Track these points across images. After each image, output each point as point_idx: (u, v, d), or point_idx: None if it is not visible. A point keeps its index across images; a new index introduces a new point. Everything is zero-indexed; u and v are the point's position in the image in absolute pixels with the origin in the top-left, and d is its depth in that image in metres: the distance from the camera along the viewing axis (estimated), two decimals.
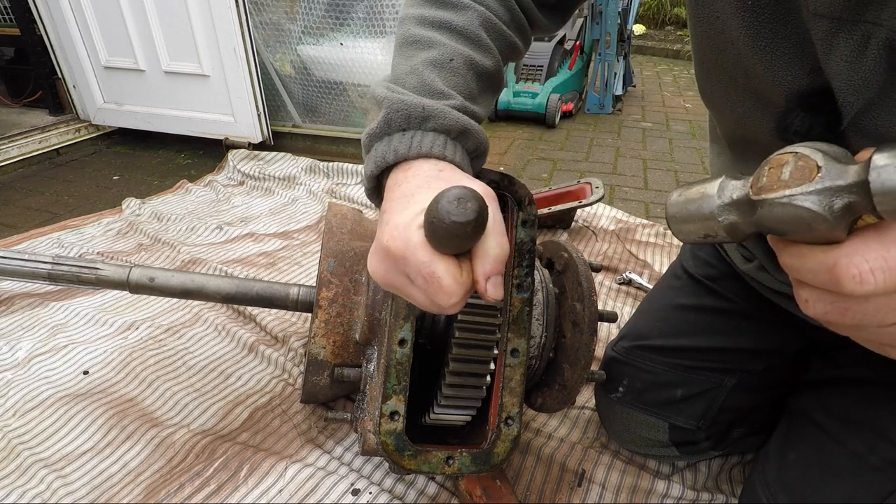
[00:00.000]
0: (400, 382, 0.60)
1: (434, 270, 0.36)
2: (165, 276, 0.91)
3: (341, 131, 2.30)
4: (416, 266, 0.37)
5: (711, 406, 0.77)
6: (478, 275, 0.35)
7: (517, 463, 0.86)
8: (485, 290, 0.35)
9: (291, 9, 2.16)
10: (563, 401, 0.74)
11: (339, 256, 0.77)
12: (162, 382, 0.99)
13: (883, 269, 0.27)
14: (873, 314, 0.29)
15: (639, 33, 5.19)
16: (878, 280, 0.27)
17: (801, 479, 0.64)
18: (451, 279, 0.36)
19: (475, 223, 0.33)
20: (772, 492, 0.66)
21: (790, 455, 0.67)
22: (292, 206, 1.76)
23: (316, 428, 0.91)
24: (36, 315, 1.17)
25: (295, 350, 1.07)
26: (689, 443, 0.80)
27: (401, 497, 0.80)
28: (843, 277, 0.28)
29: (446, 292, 0.36)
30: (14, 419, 0.90)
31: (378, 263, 0.41)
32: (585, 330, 0.70)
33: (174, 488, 0.80)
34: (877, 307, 0.29)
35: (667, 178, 2.16)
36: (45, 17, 2.28)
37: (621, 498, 0.82)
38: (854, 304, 0.30)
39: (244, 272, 1.33)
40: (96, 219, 1.66)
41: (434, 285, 0.36)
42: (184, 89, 2.24)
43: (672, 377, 0.78)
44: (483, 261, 0.35)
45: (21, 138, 2.24)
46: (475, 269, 0.36)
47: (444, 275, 0.36)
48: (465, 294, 0.36)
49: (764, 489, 0.67)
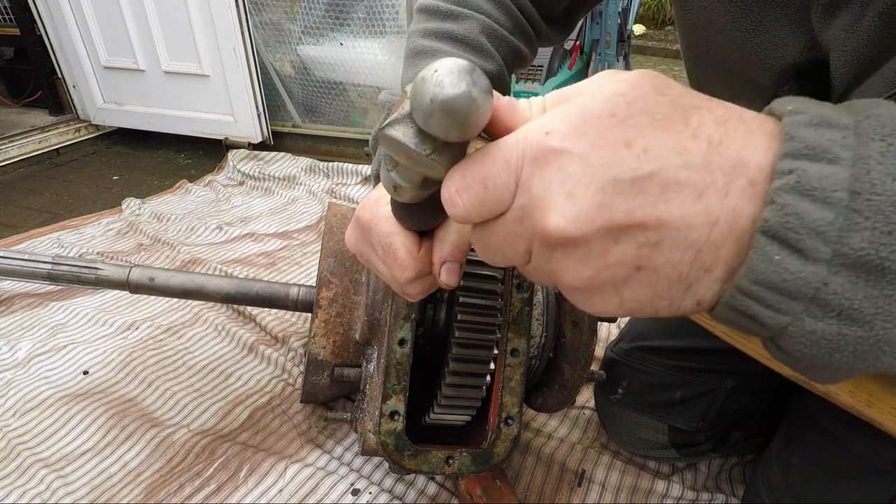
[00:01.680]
0: (400, 382, 0.60)
1: (392, 242, 0.37)
2: (165, 276, 0.91)
3: (341, 131, 2.30)
4: (378, 236, 0.38)
5: (711, 408, 0.77)
6: (434, 257, 0.36)
7: (517, 463, 0.86)
8: (438, 273, 0.36)
9: (291, 9, 2.16)
10: (563, 401, 0.74)
11: (339, 256, 0.77)
12: (162, 382, 0.99)
13: (465, 189, 0.25)
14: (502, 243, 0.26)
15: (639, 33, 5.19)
16: (463, 200, 0.25)
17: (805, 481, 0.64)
18: (405, 253, 0.37)
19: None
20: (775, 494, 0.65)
21: (793, 457, 0.66)
22: (292, 206, 1.76)
23: (316, 428, 0.91)
24: (36, 315, 1.17)
25: (295, 350, 1.07)
26: (689, 445, 0.80)
27: (401, 497, 0.80)
28: (446, 206, 0.26)
29: (401, 265, 0.37)
30: (14, 419, 0.90)
31: (350, 231, 0.43)
32: (585, 330, 0.70)
33: (174, 488, 0.80)
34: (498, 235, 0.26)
35: None
36: (45, 17, 2.28)
37: (621, 498, 0.82)
38: (477, 235, 0.28)
39: (244, 272, 1.33)
40: (96, 219, 1.66)
41: (391, 256, 0.37)
42: (184, 89, 2.24)
43: (671, 379, 0.78)
44: (441, 245, 0.35)
45: (21, 138, 2.24)
46: (433, 252, 0.36)
47: (399, 247, 0.37)
48: (419, 271, 0.37)
49: (767, 492, 0.67)
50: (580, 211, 0.22)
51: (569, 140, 0.23)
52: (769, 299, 0.22)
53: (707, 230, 0.22)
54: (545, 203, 0.23)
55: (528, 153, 0.23)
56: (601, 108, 0.23)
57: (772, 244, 0.22)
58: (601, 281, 0.24)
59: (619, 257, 0.23)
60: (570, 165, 0.22)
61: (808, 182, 0.21)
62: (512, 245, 0.26)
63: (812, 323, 0.22)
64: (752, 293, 0.23)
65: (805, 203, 0.21)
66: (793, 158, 0.22)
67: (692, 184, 0.22)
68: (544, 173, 0.23)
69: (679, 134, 0.22)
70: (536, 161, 0.23)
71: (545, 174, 0.23)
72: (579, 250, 0.23)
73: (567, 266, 0.24)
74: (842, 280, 0.21)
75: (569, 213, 0.23)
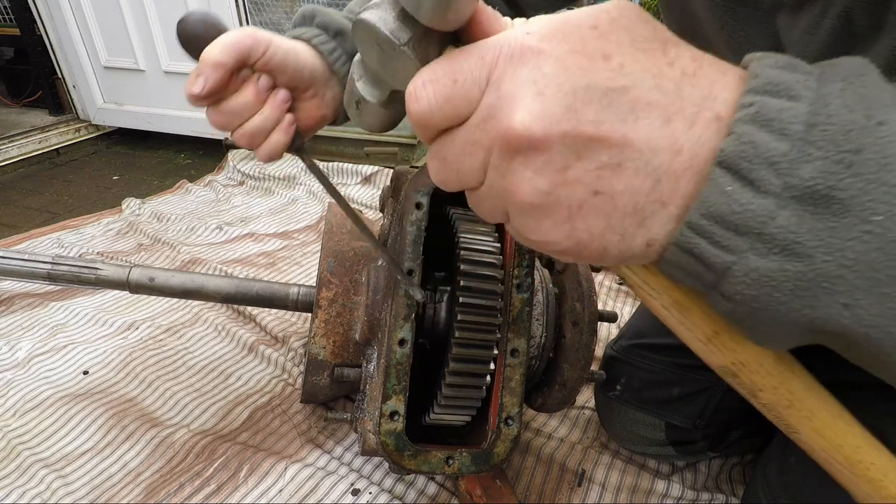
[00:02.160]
0: (400, 382, 0.60)
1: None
2: (165, 276, 0.91)
3: (341, 131, 2.30)
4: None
5: (707, 405, 0.77)
6: None
7: (517, 463, 0.86)
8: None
9: (291, 9, 2.16)
10: (563, 401, 0.74)
11: (339, 256, 0.77)
12: (162, 382, 0.99)
13: (433, 81, 0.24)
14: (460, 155, 0.25)
15: None
16: (428, 93, 0.24)
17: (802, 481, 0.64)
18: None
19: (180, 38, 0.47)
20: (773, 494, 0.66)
21: (791, 457, 0.67)
22: (292, 206, 1.76)
23: (316, 428, 0.91)
24: (36, 315, 1.17)
25: (295, 350, 1.07)
26: (686, 442, 0.80)
27: (401, 497, 0.80)
28: (408, 101, 0.25)
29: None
30: (14, 419, 0.90)
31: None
32: (585, 330, 0.70)
33: (174, 488, 0.80)
34: (456, 144, 0.25)
35: None
36: (45, 17, 2.28)
37: (621, 498, 0.82)
38: (436, 149, 0.26)
39: (244, 272, 1.33)
40: (96, 219, 1.66)
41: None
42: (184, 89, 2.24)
43: (669, 375, 0.78)
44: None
45: (21, 138, 2.24)
46: None
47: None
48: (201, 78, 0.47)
49: (765, 491, 0.67)
50: (547, 110, 0.22)
51: (548, 42, 0.23)
52: (717, 234, 0.22)
53: (669, 157, 0.22)
54: (513, 101, 0.23)
55: (504, 50, 0.23)
56: (585, 20, 0.23)
57: (725, 175, 0.22)
58: (556, 199, 0.23)
59: (579, 174, 0.23)
60: (545, 66, 0.22)
61: (766, 113, 0.21)
62: (469, 157, 0.25)
63: (756, 260, 0.22)
64: (701, 228, 0.23)
65: (762, 134, 0.21)
66: (755, 94, 0.22)
67: (662, 107, 0.22)
68: (518, 70, 0.23)
69: (656, 59, 0.23)
70: (512, 58, 0.23)
71: (518, 71, 0.23)
72: (539, 157, 0.23)
73: (524, 177, 0.23)
74: (788, 213, 0.21)
75: (536, 110, 0.22)
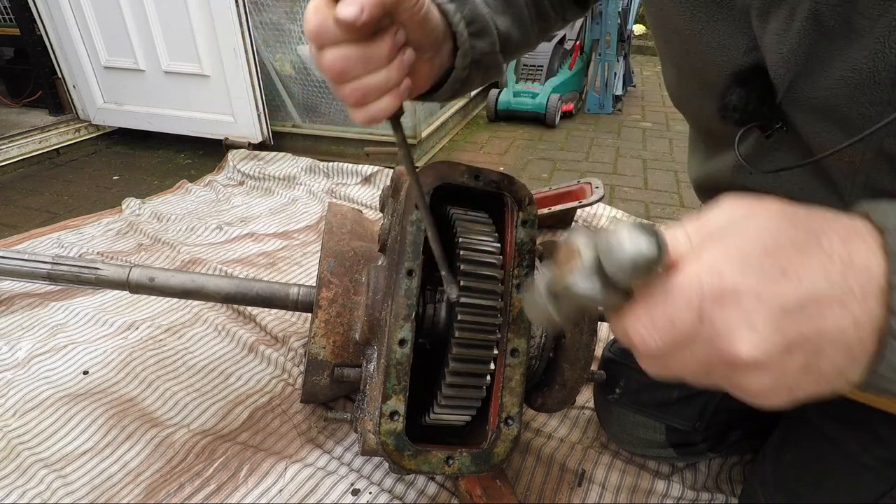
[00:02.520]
0: (400, 382, 0.60)
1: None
2: (165, 276, 0.91)
3: (341, 131, 2.30)
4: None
5: (707, 407, 0.77)
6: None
7: (517, 463, 0.86)
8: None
9: (291, 9, 2.16)
10: (563, 401, 0.74)
11: (339, 256, 0.77)
12: (162, 382, 0.99)
13: (657, 330, 0.29)
14: (683, 365, 0.31)
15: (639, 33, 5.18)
16: (657, 341, 0.29)
17: (797, 479, 0.65)
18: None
19: None
20: (769, 492, 0.66)
21: (787, 456, 0.67)
22: (292, 206, 1.76)
23: (316, 428, 0.91)
24: (36, 315, 1.17)
25: (295, 350, 1.07)
26: (686, 444, 0.80)
27: (401, 497, 0.80)
28: (634, 343, 0.31)
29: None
30: (14, 419, 0.90)
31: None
32: (585, 330, 0.70)
33: (174, 488, 0.80)
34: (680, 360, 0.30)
35: (667, 177, 2.16)
36: (45, 17, 2.28)
37: (621, 498, 0.82)
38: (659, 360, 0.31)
39: (244, 272, 1.33)
40: (96, 219, 1.66)
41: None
42: (184, 89, 2.24)
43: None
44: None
45: (21, 138, 2.24)
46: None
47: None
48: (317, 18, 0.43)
49: (762, 489, 0.68)
50: (763, 338, 0.27)
51: (737, 279, 0.27)
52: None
53: (854, 331, 0.28)
54: (730, 333, 0.28)
55: (706, 293, 0.28)
56: (755, 247, 0.28)
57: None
58: (778, 386, 0.29)
59: (792, 367, 0.28)
60: (746, 302, 0.27)
61: None
62: (691, 366, 0.30)
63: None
64: (889, 377, 0.29)
65: None
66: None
67: (838, 298, 0.28)
68: (725, 310, 0.28)
69: (820, 259, 0.28)
70: (715, 300, 0.28)
71: (726, 310, 0.28)
72: (763, 369, 0.28)
73: (751, 381, 0.29)
74: None
75: (755, 341, 0.27)
